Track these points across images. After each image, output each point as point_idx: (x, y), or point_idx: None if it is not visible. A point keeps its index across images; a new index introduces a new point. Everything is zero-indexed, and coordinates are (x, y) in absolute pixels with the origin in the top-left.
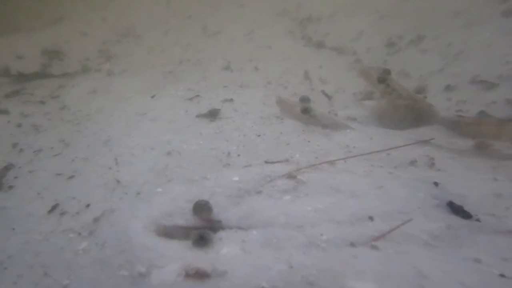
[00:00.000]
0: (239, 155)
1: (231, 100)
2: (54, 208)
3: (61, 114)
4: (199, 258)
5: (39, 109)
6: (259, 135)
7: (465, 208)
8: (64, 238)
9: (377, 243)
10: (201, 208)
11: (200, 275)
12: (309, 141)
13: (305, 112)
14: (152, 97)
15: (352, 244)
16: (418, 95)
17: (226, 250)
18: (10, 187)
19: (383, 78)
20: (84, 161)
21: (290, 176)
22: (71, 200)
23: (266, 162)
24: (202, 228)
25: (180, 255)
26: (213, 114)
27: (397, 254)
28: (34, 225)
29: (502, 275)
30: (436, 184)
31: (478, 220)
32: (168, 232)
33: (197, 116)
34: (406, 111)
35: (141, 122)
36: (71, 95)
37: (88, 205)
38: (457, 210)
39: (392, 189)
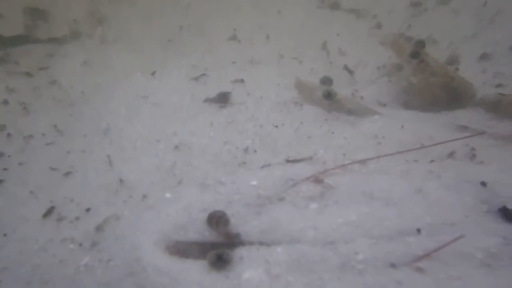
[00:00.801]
0: (255, 151)
1: (242, 81)
2: (50, 211)
3: (51, 90)
4: (218, 283)
5: (26, 82)
6: (276, 126)
7: None
8: (63, 250)
9: (422, 264)
10: (217, 220)
11: None
12: (333, 133)
13: (328, 97)
14: (153, 74)
15: (393, 266)
16: (451, 69)
17: (248, 274)
18: (0, 181)
19: (417, 52)
20: (81, 154)
21: (316, 179)
22: (69, 203)
23: (287, 160)
24: (219, 244)
25: (197, 279)
26: (223, 99)
27: (449, 279)
28: (28, 231)
29: None
30: (483, 184)
31: None
32: (181, 250)
33: (205, 101)
34: (441, 90)
35: (143, 108)
36: (61, 67)
37: (88, 209)
38: None
39: (434, 193)
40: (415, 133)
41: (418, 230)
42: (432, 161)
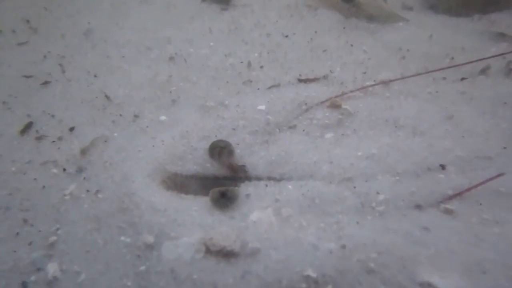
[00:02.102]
0: (262, 66)
1: None
2: (28, 127)
3: None
4: (222, 226)
5: None
6: (286, 36)
7: None
8: (45, 174)
9: (452, 205)
10: (220, 151)
11: (225, 254)
12: (352, 45)
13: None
14: None
15: (419, 207)
16: None
17: (256, 215)
18: None
19: None
20: (60, 60)
21: (333, 104)
22: (50, 119)
23: (299, 80)
24: (223, 178)
25: (198, 219)
26: None
27: (484, 224)
28: (4, 149)
29: None
30: None
31: None
32: (179, 184)
33: (203, 0)
34: None
35: (131, 6)
36: None
37: (72, 129)
38: None
39: (466, 119)
40: (444, 44)
41: (442, 166)
42: (463, 78)
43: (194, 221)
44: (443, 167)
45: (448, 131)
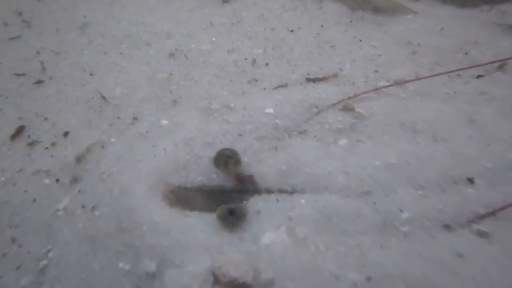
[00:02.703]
0: (267, 64)
1: None
2: (19, 131)
3: None
4: (231, 250)
5: None
6: (291, 30)
7: None
8: (37, 185)
9: (486, 226)
10: (227, 160)
11: (236, 286)
12: (360, 40)
13: None
14: None
15: (448, 228)
16: None
17: (268, 236)
18: None
19: None
20: (54, 56)
21: (346, 107)
22: (43, 122)
23: (308, 79)
24: (230, 190)
25: (204, 242)
26: None
27: None
28: None
29: None
30: None
31: None
32: (183, 198)
33: None
34: None
35: None
36: None
37: (66, 133)
38: None
39: (490, 123)
40: (456, 37)
41: (470, 179)
42: (479, 76)
43: (200, 243)
44: (471, 180)
45: (471, 138)
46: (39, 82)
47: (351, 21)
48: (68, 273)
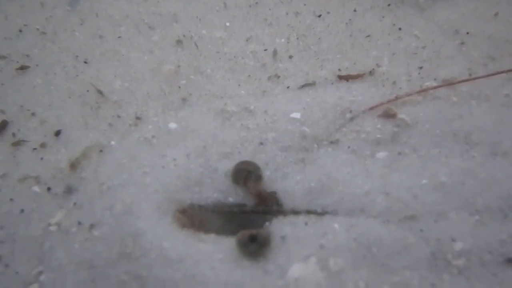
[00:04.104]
0: (291, 56)
1: None
2: (2, 127)
3: None
4: (254, 285)
5: None
6: (319, 15)
7: None
8: (25, 193)
9: None
10: (247, 176)
11: None
12: (400, 29)
13: None
14: None
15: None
16: None
17: (297, 269)
18: None
19: None
20: (40, 37)
21: (386, 112)
22: (29, 118)
23: (340, 76)
24: (250, 211)
25: (223, 275)
26: None
27: None
28: None
29: None
30: None
31: None
32: (197, 219)
33: None
34: None
35: None
36: None
37: (58, 132)
38: None
39: None
40: None
41: None
42: None
43: (218, 277)
44: None
45: None
46: (23, 68)
47: (388, 5)
48: None
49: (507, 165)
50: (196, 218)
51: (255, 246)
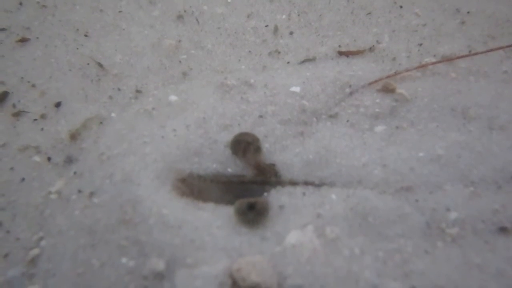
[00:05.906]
0: (291, 33)
1: None
2: (2, 98)
3: None
4: (252, 250)
5: None
6: None
7: None
8: (25, 162)
9: None
10: (246, 147)
11: None
12: (401, 6)
13: None
14: None
15: (505, 231)
16: None
17: (294, 236)
18: None
19: None
20: (41, 10)
21: (385, 87)
22: (30, 89)
23: (340, 52)
24: (249, 181)
25: (221, 240)
26: None
27: None
28: None
29: None
30: None
31: None
32: (196, 188)
33: None
34: None
35: None
36: None
37: (58, 104)
38: None
39: None
40: None
41: None
42: None
43: (216, 242)
44: None
45: None
46: (23, 40)
47: None
48: (62, 267)
49: (503, 138)
50: (195, 187)
51: (253, 214)
